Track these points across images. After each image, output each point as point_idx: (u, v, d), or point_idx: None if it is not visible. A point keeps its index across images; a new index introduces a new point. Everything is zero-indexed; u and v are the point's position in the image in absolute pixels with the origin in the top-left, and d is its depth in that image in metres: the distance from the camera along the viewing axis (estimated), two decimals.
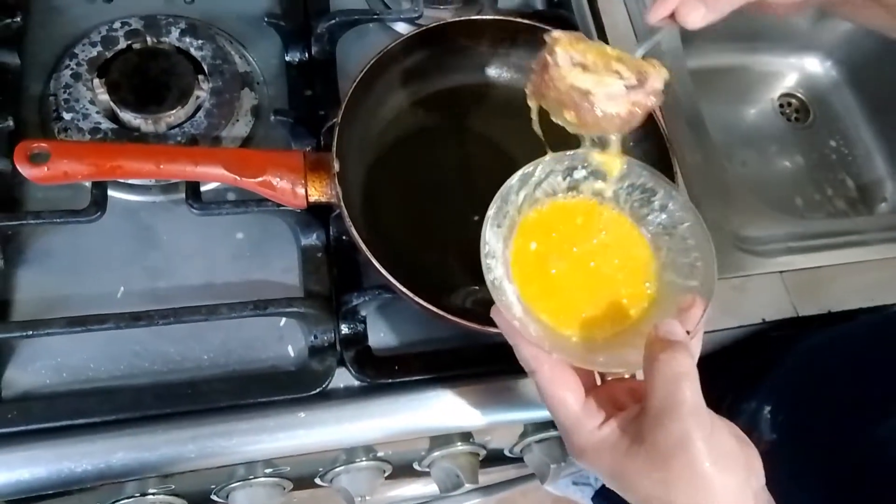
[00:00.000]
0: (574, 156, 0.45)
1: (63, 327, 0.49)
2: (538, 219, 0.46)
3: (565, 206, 0.47)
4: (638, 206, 0.47)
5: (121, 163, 0.48)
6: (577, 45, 0.44)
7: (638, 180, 0.46)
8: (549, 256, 0.46)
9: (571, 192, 0.47)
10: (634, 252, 0.47)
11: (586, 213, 0.48)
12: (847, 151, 0.99)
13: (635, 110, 0.44)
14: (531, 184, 0.45)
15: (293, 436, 0.52)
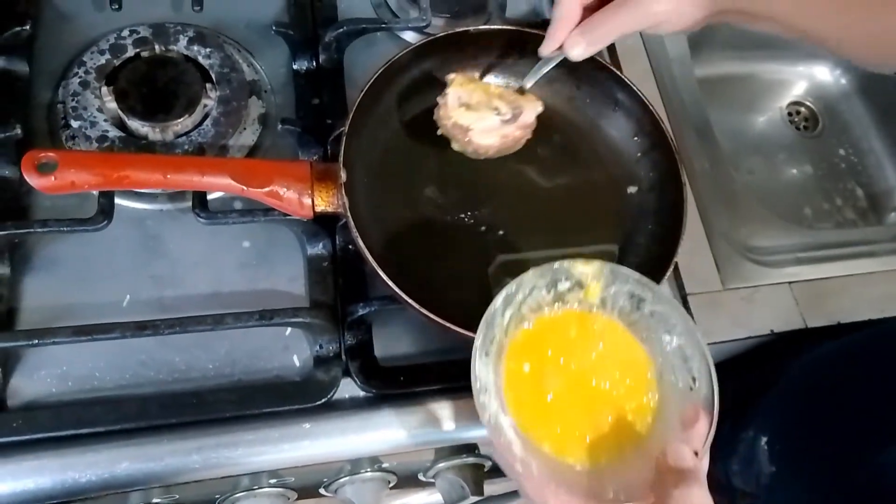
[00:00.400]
0: (556, 269, 0.44)
1: (69, 336, 0.48)
2: (527, 337, 0.44)
3: (554, 320, 0.46)
4: (628, 312, 0.46)
5: (128, 173, 0.48)
6: (467, 85, 0.53)
7: (624, 286, 0.45)
8: (545, 377, 0.44)
9: (558, 303, 0.46)
10: (632, 359, 0.45)
11: (577, 324, 0.46)
12: (856, 161, 0.98)
13: (507, 141, 0.54)
14: (516, 303, 0.43)
15: (298, 446, 0.52)
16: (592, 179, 0.61)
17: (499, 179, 0.58)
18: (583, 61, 0.60)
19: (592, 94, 0.61)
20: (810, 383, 0.63)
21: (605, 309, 0.46)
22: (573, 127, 0.62)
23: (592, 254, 0.57)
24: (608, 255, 0.58)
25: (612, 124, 0.62)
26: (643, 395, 0.44)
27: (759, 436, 0.61)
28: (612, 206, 0.60)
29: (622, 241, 0.59)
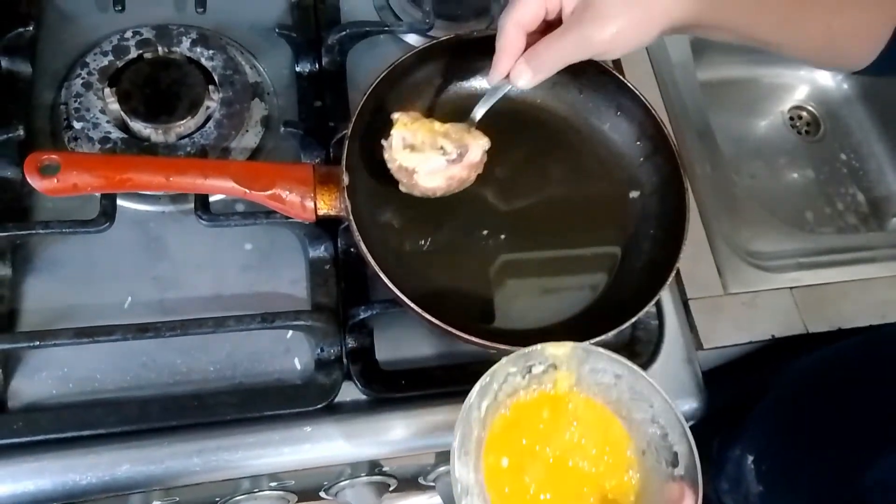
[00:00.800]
0: (528, 354, 0.44)
1: (70, 338, 0.48)
2: (504, 427, 0.44)
3: (529, 404, 0.45)
4: (604, 389, 0.45)
5: (130, 175, 0.48)
6: (412, 125, 0.52)
7: (598, 364, 0.44)
8: (524, 469, 0.43)
9: (533, 386, 0.45)
10: (610, 437, 0.45)
11: (554, 405, 0.45)
12: (858, 165, 0.98)
13: (453, 182, 0.53)
14: (491, 392, 0.43)
15: (299, 450, 0.52)
16: (595, 183, 0.61)
17: (501, 184, 0.58)
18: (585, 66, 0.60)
19: (595, 98, 0.61)
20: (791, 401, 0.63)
21: (581, 388, 0.45)
22: (575, 131, 0.62)
23: (595, 257, 0.58)
24: (610, 259, 0.58)
25: (615, 129, 0.62)
26: (624, 474, 0.44)
27: (745, 454, 0.61)
28: (614, 210, 0.60)
29: (624, 245, 0.59)
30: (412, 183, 0.53)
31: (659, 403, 0.43)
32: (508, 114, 0.61)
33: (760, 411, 0.64)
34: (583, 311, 0.56)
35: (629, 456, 0.44)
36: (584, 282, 0.57)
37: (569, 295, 0.56)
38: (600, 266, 0.58)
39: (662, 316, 0.61)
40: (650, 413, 0.44)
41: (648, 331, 0.60)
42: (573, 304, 0.56)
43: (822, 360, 0.65)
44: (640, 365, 0.58)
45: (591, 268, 0.58)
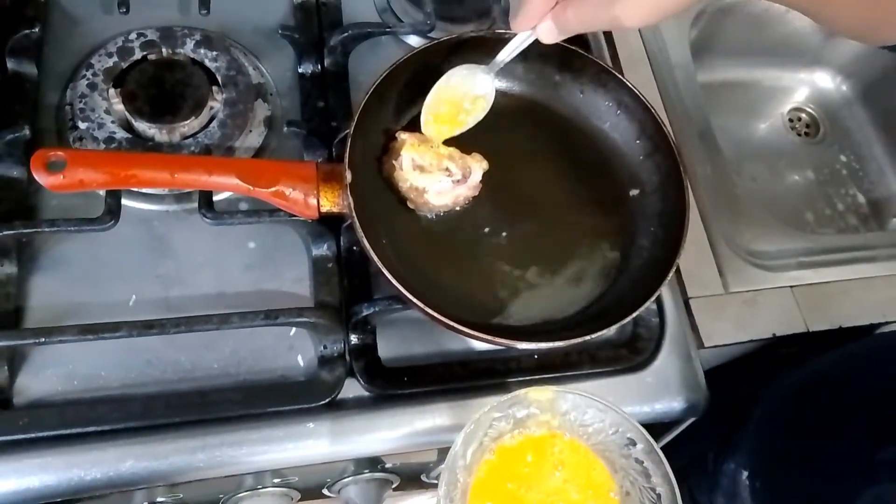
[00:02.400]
0: (512, 399, 0.44)
1: (76, 335, 0.49)
2: (490, 472, 0.44)
3: (514, 448, 0.46)
4: (588, 433, 0.46)
5: (136, 172, 0.49)
6: (419, 147, 0.55)
7: (581, 406, 0.45)
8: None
9: (518, 430, 0.46)
10: (594, 479, 0.45)
11: (538, 448, 0.46)
12: (858, 167, 0.99)
13: (459, 200, 0.57)
14: (476, 439, 0.43)
15: (302, 446, 0.52)
16: (595, 182, 0.61)
17: (502, 182, 0.58)
18: (585, 65, 0.61)
19: (595, 97, 0.62)
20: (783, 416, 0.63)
21: (564, 430, 0.46)
22: (576, 130, 0.63)
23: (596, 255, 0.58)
24: (611, 257, 0.59)
25: (615, 127, 0.62)
26: None
27: (740, 469, 0.61)
28: (614, 208, 0.60)
29: (625, 242, 0.59)
30: (422, 201, 0.55)
31: (642, 444, 0.44)
32: (509, 112, 0.62)
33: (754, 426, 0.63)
34: (584, 307, 0.56)
35: (612, 498, 0.45)
36: (585, 278, 0.57)
37: (570, 291, 0.57)
38: (601, 263, 0.58)
39: (663, 314, 0.61)
40: (633, 453, 0.44)
41: (650, 328, 0.60)
42: (574, 300, 0.56)
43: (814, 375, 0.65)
44: (641, 363, 0.59)
45: (593, 265, 0.58)
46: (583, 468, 0.45)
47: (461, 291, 0.55)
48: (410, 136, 0.56)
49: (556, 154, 0.62)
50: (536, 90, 0.63)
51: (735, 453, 0.62)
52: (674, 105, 0.79)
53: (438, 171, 0.55)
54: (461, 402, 0.54)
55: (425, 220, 0.57)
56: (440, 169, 0.55)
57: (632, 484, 0.44)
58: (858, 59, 1.00)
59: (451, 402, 0.54)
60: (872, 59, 0.98)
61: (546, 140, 0.62)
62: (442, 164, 0.55)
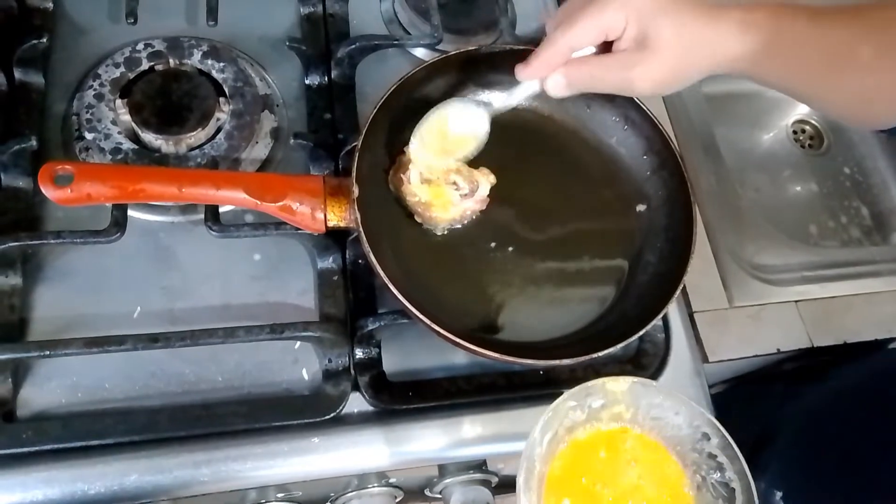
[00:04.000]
0: (589, 388, 0.45)
1: (81, 348, 0.49)
2: (563, 464, 0.45)
3: (586, 442, 0.46)
4: (660, 426, 0.46)
5: (144, 186, 0.49)
6: (427, 162, 0.54)
7: (654, 400, 0.45)
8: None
9: (591, 422, 0.46)
10: (667, 473, 0.45)
11: (611, 443, 0.46)
12: (862, 179, 0.99)
13: (466, 214, 0.56)
14: (552, 428, 0.44)
15: (307, 461, 0.52)
16: (602, 197, 0.61)
17: (508, 197, 0.58)
18: None
19: (603, 112, 0.62)
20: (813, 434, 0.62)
21: (637, 424, 0.46)
22: (583, 144, 0.63)
23: (602, 270, 0.58)
24: (617, 272, 0.59)
25: (622, 142, 0.62)
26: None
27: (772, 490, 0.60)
28: (621, 223, 0.60)
29: (631, 258, 0.59)
30: (429, 215, 0.56)
31: (717, 438, 0.44)
32: (517, 127, 0.62)
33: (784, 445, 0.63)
34: (590, 323, 0.56)
35: (686, 493, 0.45)
36: (591, 294, 0.57)
37: (576, 307, 0.57)
38: (607, 279, 0.58)
39: (669, 329, 0.61)
40: (706, 448, 0.44)
41: (655, 343, 0.60)
42: (581, 316, 0.56)
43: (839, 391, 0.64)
44: (646, 377, 0.58)
45: (599, 280, 0.58)
46: (656, 463, 0.45)
47: (467, 306, 0.55)
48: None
49: (563, 169, 0.62)
50: (544, 105, 0.62)
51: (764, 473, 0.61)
52: (678, 116, 0.79)
53: (446, 185, 0.55)
54: (466, 418, 0.54)
55: (432, 234, 0.57)
56: (447, 183, 0.55)
57: (703, 479, 0.44)
58: None
59: (456, 417, 0.54)
60: None
61: (553, 155, 0.62)
62: (449, 177, 0.55)
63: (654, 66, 0.46)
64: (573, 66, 0.48)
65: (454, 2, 0.71)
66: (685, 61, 0.46)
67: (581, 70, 0.48)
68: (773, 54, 0.47)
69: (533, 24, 0.75)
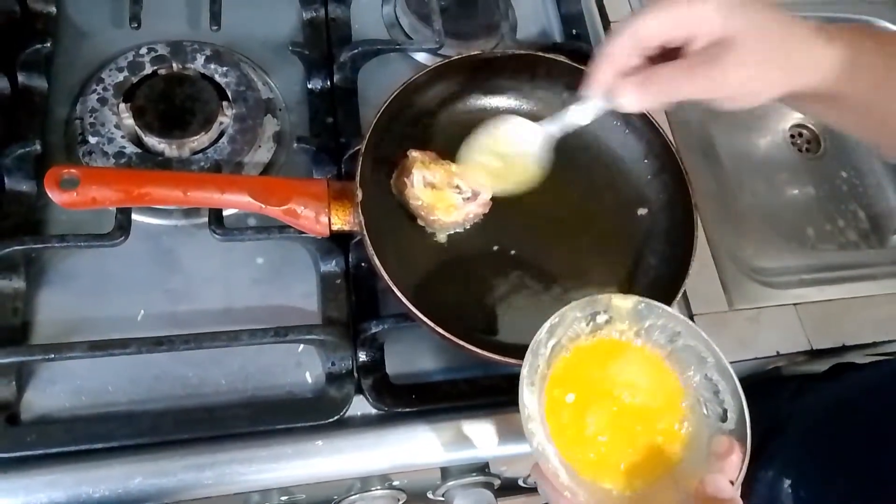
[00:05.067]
0: (596, 302, 0.46)
1: (85, 351, 0.49)
2: (567, 367, 0.46)
3: (591, 348, 0.47)
4: (662, 344, 0.47)
5: (149, 190, 0.49)
6: (430, 165, 0.55)
7: (658, 320, 0.46)
8: (582, 406, 0.45)
9: (594, 334, 0.47)
10: (665, 389, 0.46)
11: (613, 352, 0.47)
12: (858, 183, 0.99)
13: (469, 217, 0.57)
14: (557, 334, 0.45)
15: (310, 464, 0.52)
16: (603, 200, 0.62)
17: (511, 200, 0.58)
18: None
19: (604, 116, 0.61)
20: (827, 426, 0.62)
21: (640, 340, 0.47)
22: (584, 148, 0.63)
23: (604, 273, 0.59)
24: (619, 275, 0.59)
25: (623, 146, 0.63)
26: (675, 424, 0.45)
27: (780, 478, 0.60)
28: (622, 226, 0.61)
29: (633, 261, 0.59)
30: (432, 219, 0.56)
31: (713, 360, 0.45)
32: None
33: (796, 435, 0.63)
34: None
35: (682, 408, 0.46)
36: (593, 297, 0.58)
37: None
38: (609, 282, 0.58)
39: None
40: (704, 369, 0.45)
41: None
42: None
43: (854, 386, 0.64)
44: None
45: (600, 283, 0.58)
46: (654, 377, 0.47)
47: (469, 309, 0.55)
48: (421, 153, 0.56)
49: (564, 172, 0.62)
50: (544, 108, 0.63)
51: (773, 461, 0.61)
52: (678, 120, 0.79)
53: (448, 189, 0.55)
54: (469, 421, 0.54)
55: (434, 237, 0.57)
56: (450, 186, 0.55)
57: (698, 398, 0.45)
58: None
59: (458, 420, 0.54)
60: None
61: (554, 158, 0.62)
62: (452, 181, 0.56)
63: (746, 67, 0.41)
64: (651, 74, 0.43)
65: (455, 6, 0.72)
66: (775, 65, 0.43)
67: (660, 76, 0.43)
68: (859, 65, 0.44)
69: (534, 28, 0.76)
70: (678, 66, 0.43)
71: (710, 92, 0.43)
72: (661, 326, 0.46)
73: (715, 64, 0.41)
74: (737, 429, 0.43)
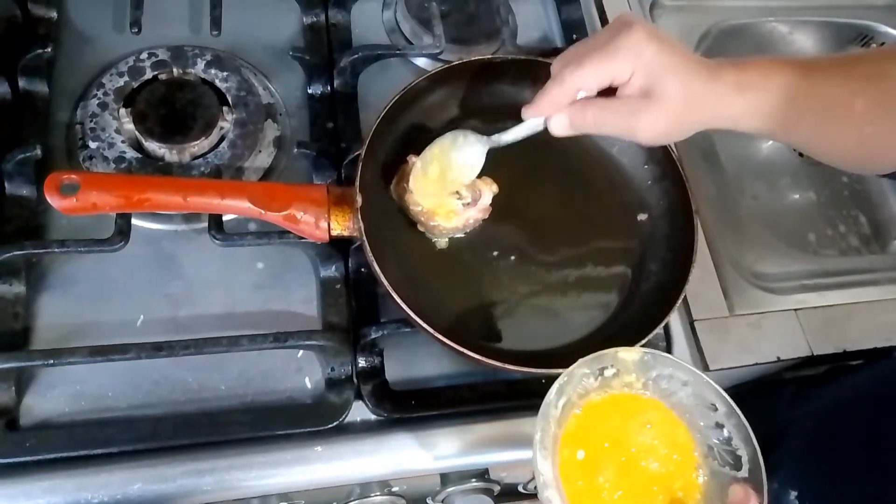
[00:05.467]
0: (602, 357, 0.46)
1: (85, 356, 0.49)
2: (578, 425, 0.46)
3: (601, 404, 0.47)
4: (670, 393, 0.47)
5: (149, 195, 0.49)
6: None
7: (665, 370, 0.46)
8: (596, 464, 0.45)
9: (603, 389, 0.47)
10: (677, 439, 0.46)
11: (623, 406, 0.47)
12: (860, 188, 0.99)
13: (469, 223, 0.56)
14: (567, 392, 0.45)
15: (310, 470, 0.52)
16: (604, 206, 0.62)
17: (511, 206, 0.59)
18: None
19: None
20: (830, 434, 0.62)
21: (648, 392, 0.47)
22: (585, 154, 0.63)
23: (604, 279, 0.59)
24: (619, 281, 0.59)
25: (623, 152, 0.63)
26: (690, 474, 0.45)
27: (786, 489, 0.60)
28: (623, 232, 0.61)
29: (633, 267, 0.59)
30: (433, 224, 0.56)
31: (724, 408, 0.45)
32: None
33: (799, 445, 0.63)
34: (593, 332, 0.56)
35: (695, 456, 0.46)
36: (593, 303, 0.58)
37: (578, 316, 0.57)
38: (609, 288, 0.58)
39: (670, 337, 0.62)
40: (714, 418, 0.45)
41: None
42: (583, 324, 0.57)
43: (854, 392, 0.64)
44: None
45: (601, 289, 0.58)
46: (667, 427, 0.47)
47: (469, 315, 0.55)
48: (419, 159, 0.56)
49: (565, 178, 0.62)
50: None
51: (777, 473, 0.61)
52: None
53: (449, 195, 0.55)
54: (469, 427, 0.54)
55: (435, 243, 0.57)
56: (450, 192, 0.55)
57: (710, 447, 0.45)
58: None
59: (458, 426, 0.54)
60: None
61: (555, 164, 0.62)
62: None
63: (658, 116, 0.48)
64: (578, 108, 0.49)
65: (456, 12, 0.72)
66: (688, 116, 0.49)
67: (585, 112, 0.49)
68: (767, 111, 0.48)
69: (534, 33, 0.76)
70: (606, 107, 0.49)
71: (628, 135, 0.49)
72: (668, 376, 0.46)
73: (636, 114, 0.48)
74: (751, 476, 0.43)
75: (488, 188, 0.57)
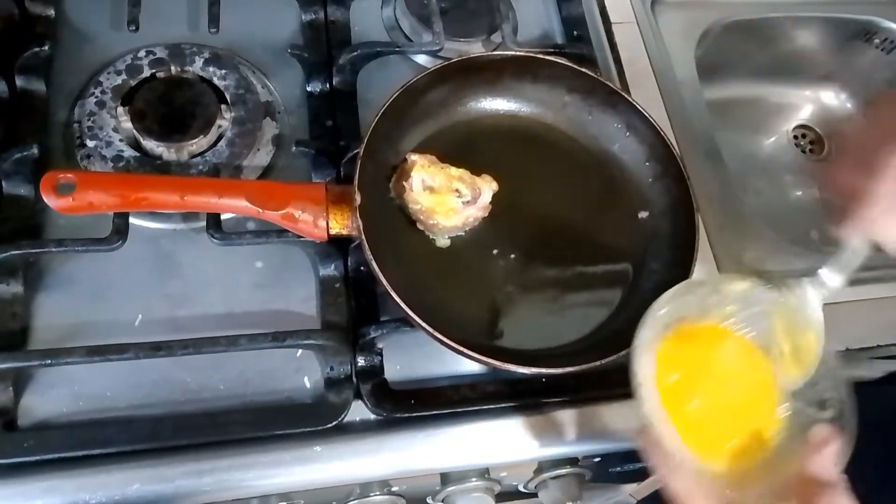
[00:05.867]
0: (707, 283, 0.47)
1: (83, 356, 0.49)
2: (673, 346, 0.46)
3: (699, 329, 0.47)
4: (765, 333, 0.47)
5: (146, 194, 0.49)
6: (429, 169, 0.55)
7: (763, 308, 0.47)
8: (688, 382, 0.46)
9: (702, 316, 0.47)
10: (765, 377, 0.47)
11: (718, 337, 0.48)
12: None
13: (468, 221, 0.56)
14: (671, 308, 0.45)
15: (309, 469, 0.51)
16: (604, 203, 0.61)
17: (511, 204, 0.58)
18: (594, 87, 0.61)
19: (604, 119, 0.62)
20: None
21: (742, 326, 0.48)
22: (586, 152, 0.63)
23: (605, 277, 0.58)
24: (621, 279, 0.59)
25: (624, 149, 0.62)
26: (773, 410, 0.46)
27: None
28: (624, 230, 0.60)
29: (635, 265, 0.59)
30: (432, 223, 0.55)
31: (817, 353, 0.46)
32: (519, 134, 0.62)
33: None
34: (593, 330, 0.56)
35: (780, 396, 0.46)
36: (594, 301, 0.57)
37: (579, 314, 0.56)
38: (611, 286, 0.58)
39: None
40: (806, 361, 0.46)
41: None
42: (585, 323, 0.56)
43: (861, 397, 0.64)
44: None
45: (602, 288, 0.58)
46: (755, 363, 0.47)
47: (469, 314, 0.55)
48: (420, 157, 0.55)
49: (566, 176, 0.62)
50: (545, 111, 0.63)
51: None
52: (680, 122, 0.79)
53: (448, 192, 0.55)
54: (469, 426, 0.54)
55: (434, 241, 0.57)
56: (450, 190, 0.55)
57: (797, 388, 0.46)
58: (863, 76, 1.00)
59: (458, 425, 0.54)
60: (877, 76, 0.98)
61: (555, 162, 0.62)
62: (451, 184, 0.55)
63: None
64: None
65: (455, 8, 0.71)
66: None
67: None
68: None
69: (534, 30, 0.75)
70: None
71: None
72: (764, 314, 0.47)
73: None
74: (837, 418, 0.43)
75: (488, 186, 0.56)
